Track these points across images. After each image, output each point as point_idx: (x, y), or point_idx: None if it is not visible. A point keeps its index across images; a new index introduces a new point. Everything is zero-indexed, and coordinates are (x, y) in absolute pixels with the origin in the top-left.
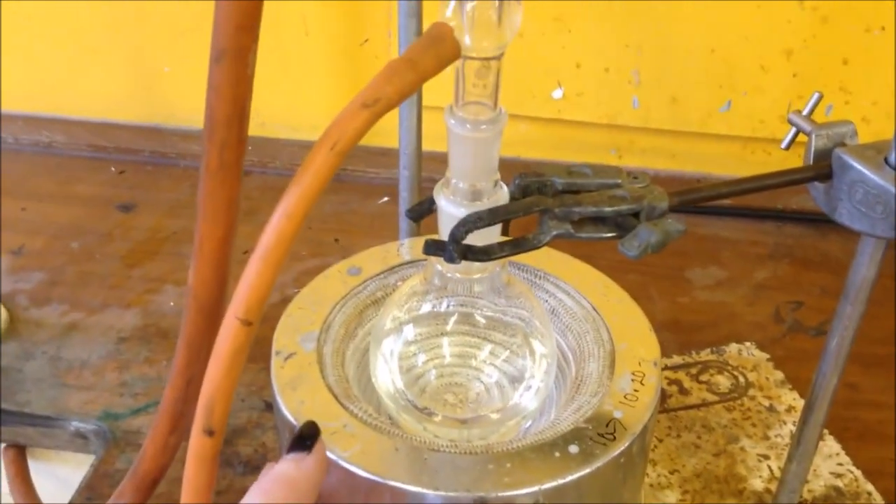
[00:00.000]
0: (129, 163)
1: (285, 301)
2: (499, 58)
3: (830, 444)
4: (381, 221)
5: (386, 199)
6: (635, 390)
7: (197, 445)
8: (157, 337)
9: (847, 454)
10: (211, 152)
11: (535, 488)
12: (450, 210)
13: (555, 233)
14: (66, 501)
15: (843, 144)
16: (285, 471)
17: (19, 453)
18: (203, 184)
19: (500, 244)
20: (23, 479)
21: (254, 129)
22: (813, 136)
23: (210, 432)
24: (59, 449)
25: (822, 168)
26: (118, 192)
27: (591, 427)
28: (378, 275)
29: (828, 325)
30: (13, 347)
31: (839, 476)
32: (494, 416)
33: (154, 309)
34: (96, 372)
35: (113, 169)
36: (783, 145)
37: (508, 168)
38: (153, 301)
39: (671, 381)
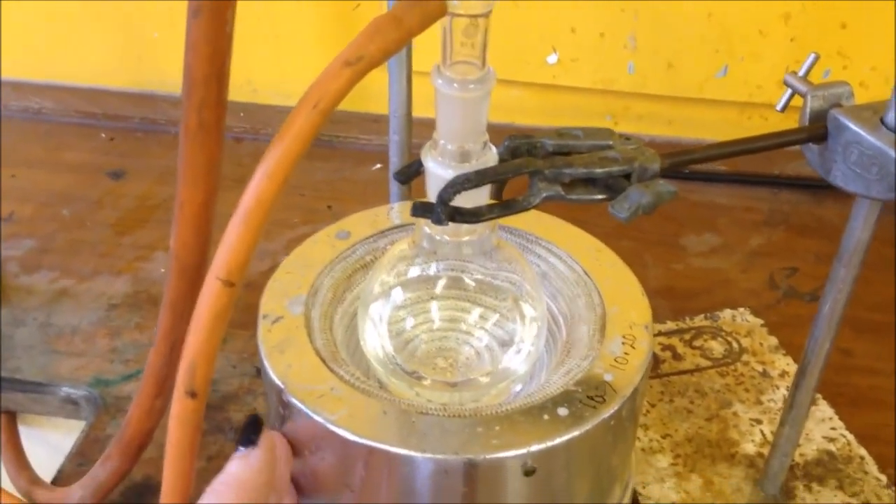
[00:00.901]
0: (118, 129)
1: (276, 268)
2: (486, 15)
3: (823, 409)
4: (374, 188)
5: (378, 165)
6: (626, 353)
7: (179, 408)
8: (147, 304)
9: (840, 419)
10: (189, 113)
11: (524, 450)
12: (437, 171)
13: (545, 195)
14: (58, 467)
15: (838, 105)
16: (234, 471)
17: (10, 420)
18: (182, 146)
19: (489, 206)
20: (13, 446)
21: (246, 95)
22: (808, 97)
23: (192, 394)
24: (50, 415)
25: (818, 129)
26: (108, 159)
27: (580, 390)
28: (367, 238)
29: (821, 291)
30: (3, 314)
31: (832, 440)
32: (484, 379)
33: (144, 276)
34: (87, 338)
35: (103, 136)
36: (779, 107)
37: (501, 135)
38: (143, 268)
39: (665, 347)
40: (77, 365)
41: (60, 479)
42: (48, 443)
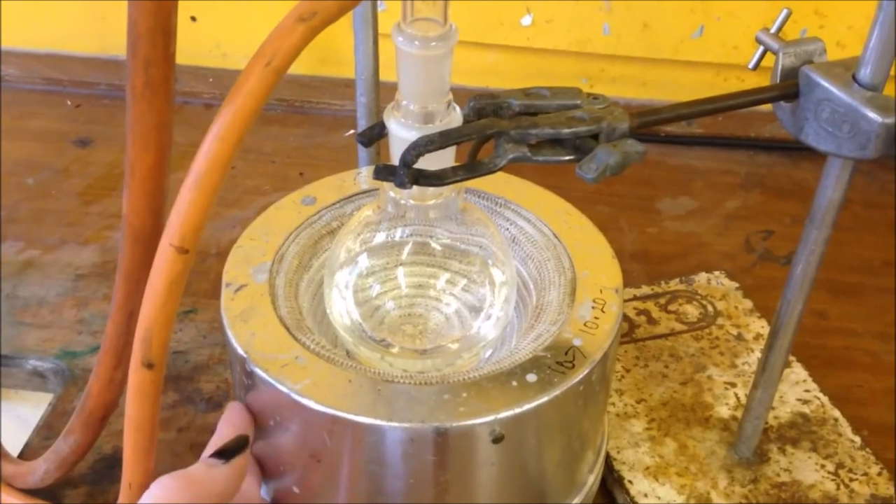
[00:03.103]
0: (84, 96)
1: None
2: None
3: (798, 371)
4: (346, 154)
5: (351, 132)
6: (596, 318)
7: (137, 380)
8: (115, 274)
9: (814, 381)
10: (135, 71)
11: (492, 417)
12: (400, 133)
13: (511, 156)
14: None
15: (810, 63)
16: (193, 472)
17: None
18: (130, 107)
19: (454, 168)
20: None
21: (215, 60)
22: (780, 54)
23: (149, 365)
24: (17, 388)
25: (789, 87)
26: (74, 126)
27: (549, 355)
28: (333, 204)
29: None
30: None
31: (806, 402)
32: (454, 346)
33: (112, 245)
34: (54, 310)
35: (69, 102)
36: (751, 65)
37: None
38: (111, 238)
39: (640, 312)
40: (44, 337)
41: (27, 453)
42: (18, 416)
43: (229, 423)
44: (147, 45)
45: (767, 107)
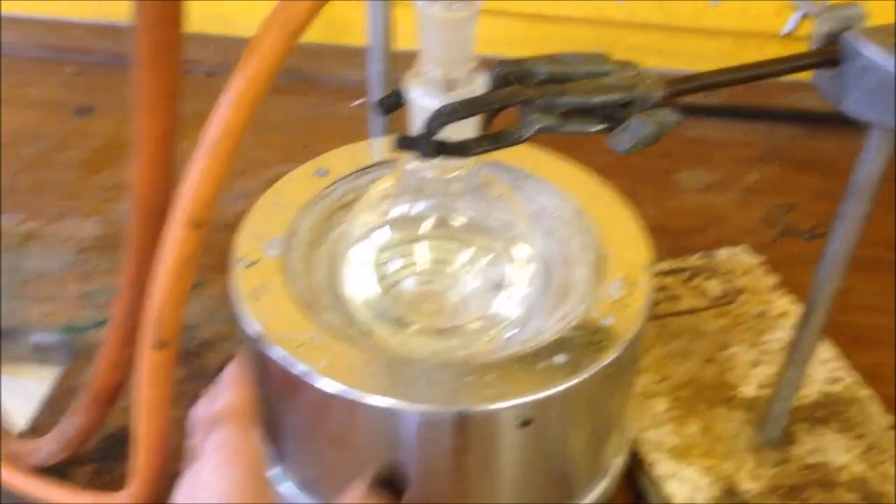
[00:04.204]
0: (84, 63)
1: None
2: None
3: (825, 350)
4: (355, 125)
5: (360, 100)
6: (625, 296)
7: (148, 361)
8: (119, 246)
9: (842, 359)
10: (143, 34)
11: (519, 401)
12: (422, 101)
13: (538, 126)
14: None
15: (851, 28)
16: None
17: None
18: (137, 73)
19: (478, 139)
20: None
21: (216, 27)
22: (820, 19)
23: (162, 345)
24: (21, 362)
25: (830, 53)
26: (74, 95)
27: (578, 336)
28: (347, 176)
29: (821, 228)
30: None
31: (834, 381)
32: (474, 325)
33: (115, 217)
34: (57, 283)
35: (68, 70)
36: (784, 30)
37: (488, 68)
38: (114, 209)
39: (660, 288)
40: (47, 310)
41: (33, 429)
42: (22, 390)
43: (238, 384)
44: (156, 6)
45: (788, 76)
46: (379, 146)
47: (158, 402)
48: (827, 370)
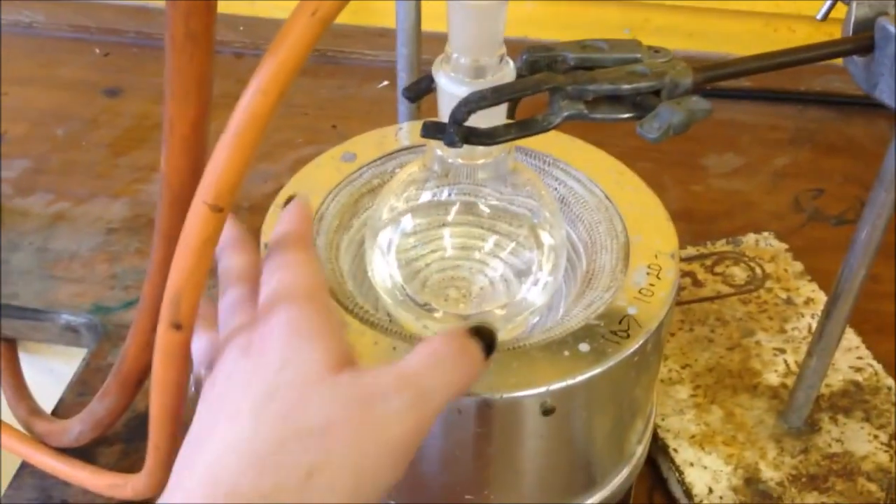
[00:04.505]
0: (114, 44)
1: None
2: None
3: (850, 338)
4: (381, 107)
5: (385, 83)
6: (651, 284)
7: (164, 341)
8: (147, 228)
9: (867, 348)
10: (175, 21)
11: (543, 389)
12: (450, 88)
13: (566, 114)
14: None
15: (885, 14)
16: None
17: (10, 347)
18: (169, 59)
19: (506, 126)
20: (13, 374)
21: (244, 8)
22: (853, 4)
23: (177, 326)
24: (50, 342)
25: (863, 40)
26: (103, 75)
27: (602, 324)
28: (374, 161)
29: (850, 214)
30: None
31: (859, 370)
32: (500, 311)
33: (143, 199)
34: (86, 264)
35: (97, 51)
36: (819, 15)
37: (514, 50)
38: (142, 190)
39: (685, 273)
40: (76, 291)
41: (61, 409)
42: (52, 371)
43: (232, 249)
44: None
45: None
46: (406, 131)
47: (173, 383)
48: (852, 358)
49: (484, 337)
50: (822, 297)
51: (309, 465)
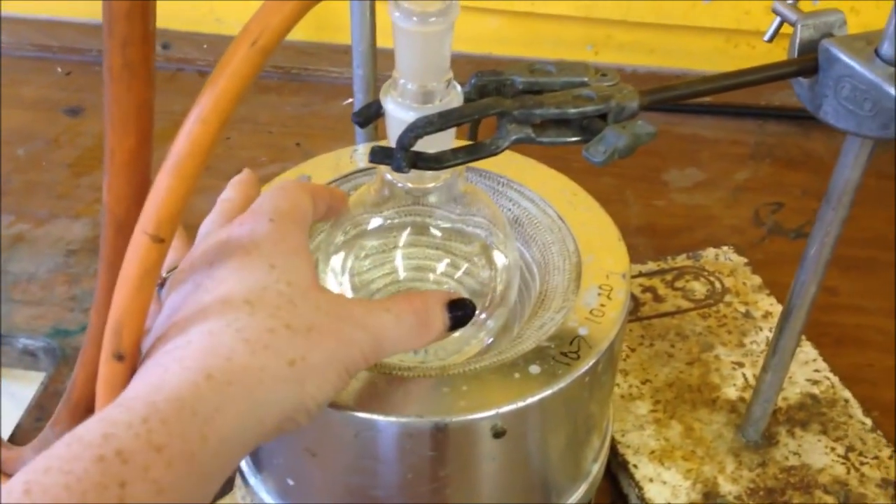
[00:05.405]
0: (76, 63)
1: None
2: None
3: (807, 351)
4: (345, 124)
5: (350, 100)
6: (602, 305)
7: (106, 371)
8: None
9: (824, 360)
10: (112, 51)
11: (493, 411)
12: (398, 114)
13: (514, 137)
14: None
15: (830, 35)
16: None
17: None
18: (108, 89)
19: (454, 150)
20: None
21: (209, 26)
22: (798, 27)
23: (119, 357)
24: (9, 367)
25: (808, 62)
26: (65, 94)
27: (553, 345)
28: (329, 183)
29: (808, 228)
30: None
31: (816, 383)
32: (455, 333)
33: None
34: (45, 286)
35: (59, 70)
36: (766, 37)
37: (479, 66)
38: None
39: (645, 289)
40: (35, 314)
41: (19, 434)
42: (13, 395)
43: (240, 185)
44: (124, 26)
45: None
46: (361, 153)
47: None
48: (809, 371)
49: (457, 312)
50: (780, 311)
51: (292, 356)
